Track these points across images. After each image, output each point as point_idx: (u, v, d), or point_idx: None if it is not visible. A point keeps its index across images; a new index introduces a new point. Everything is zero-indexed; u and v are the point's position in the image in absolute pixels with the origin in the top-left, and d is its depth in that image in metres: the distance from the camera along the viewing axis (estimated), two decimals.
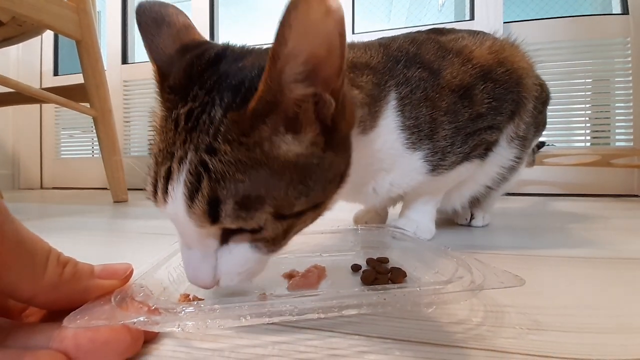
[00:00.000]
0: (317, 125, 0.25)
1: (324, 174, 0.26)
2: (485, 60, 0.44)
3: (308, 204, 0.25)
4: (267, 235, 0.24)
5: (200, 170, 0.22)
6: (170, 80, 0.26)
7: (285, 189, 0.24)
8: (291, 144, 0.24)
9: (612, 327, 0.24)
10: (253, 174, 0.22)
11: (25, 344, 0.19)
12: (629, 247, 0.49)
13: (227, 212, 0.22)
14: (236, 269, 0.25)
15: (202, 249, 0.24)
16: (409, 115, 0.40)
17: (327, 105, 0.24)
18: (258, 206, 0.23)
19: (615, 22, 1.22)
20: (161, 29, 0.29)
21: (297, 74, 0.22)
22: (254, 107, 0.22)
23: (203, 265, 0.24)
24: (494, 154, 0.50)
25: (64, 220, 0.80)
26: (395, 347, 0.22)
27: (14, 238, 0.19)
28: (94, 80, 1.04)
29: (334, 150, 0.26)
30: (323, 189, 0.26)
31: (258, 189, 0.23)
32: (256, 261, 0.25)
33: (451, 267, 0.27)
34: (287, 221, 0.25)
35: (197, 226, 0.23)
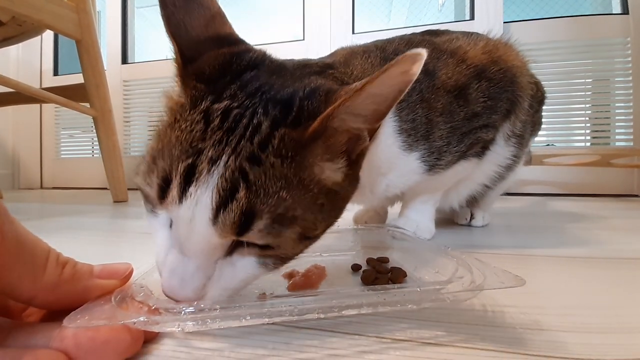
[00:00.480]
0: (346, 159, 0.26)
1: (340, 202, 0.27)
2: (479, 60, 0.45)
3: (325, 228, 0.26)
4: (283, 253, 0.24)
5: (239, 178, 0.20)
6: (202, 67, 0.24)
7: (316, 213, 0.24)
8: (332, 172, 0.25)
9: (612, 327, 0.24)
10: (296, 193, 0.22)
11: (26, 344, 0.19)
12: (629, 247, 0.49)
13: (259, 227, 0.21)
14: (234, 284, 0.23)
15: (201, 259, 0.22)
16: (405, 118, 0.40)
17: (362, 141, 0.26)
18: (290, 225, 0.22)
19: (615, 22, 1.22)
20: (190, 5, 0.26)
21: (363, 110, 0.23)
22: (316, 128, 0.22)
23: (195, 277, 0.22)
24: (491, 152, 0.50)
25: (63, 220, 0.80)
26: (395, 347, 0.22)
27: (14, 239, 0.19)
28: (93, 80, 1.04)
29: (350, 182, 0.27)
30: (336, 215, 0.27)
31: (294, 209, 0.22)
32: (255, 277, 0.24)
33: (451, 267, 0.27)
34: (307, 242, 0.25)
35: (218, 237, 0.21)
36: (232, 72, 0.25)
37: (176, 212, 0.21)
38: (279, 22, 1.98)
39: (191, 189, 0.20)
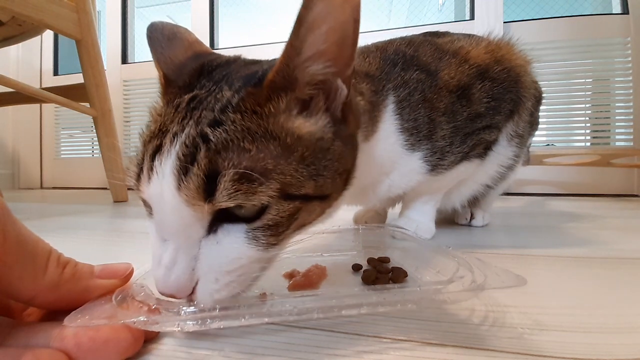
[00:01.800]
0: (327, 114, 0.26)
1: (334, 164, 0.25)
2: (482, 60, 0.45)
3: (316, 190, 0.23)
4: (270, 219, 0.21)
5: (198, 142, 0.20)
6: (179, 82, 0.26)
7: (296, 164, 0.22)
8: (304, 121, 0.24)
9: (612, 327, 0.24)
10: (262, 144, 0.21)
11: (26, 343, 0.19)
12: (629, 246, 0.49)
13: (225, 185, 0.19)
14: (223, 267, 0.21)
15: (180, 238, 0.20)
16: (407, 118, 0.40)
17: (340, 92, 0.25)
18: (263, 180, 0.20)
19: (615, 21, 1.22)
20: (172, 42, 0.30)
21: (317, 49, 0.23)
22: (271, 79, 0.22)
23: (178, 265, 0.20)
24: (494, 153, 0.50)
25: (63, 220, 0.80)
26: (395, 347, 0.22)
27: (16, 239, 0.19)
28: (93, 80, 1.04)
29: (343, 142, 0.26)
30: (332, 179, 0.25)
31: (265, 161, 0.20)
32: (250, 259, 0.21)
33: (452, 266, 0.27)
34: (293, 203, 0.22)
35: (187, 204, 0.19)
36: (205, 73, 0.27)
37: (148, 191, 0.21)
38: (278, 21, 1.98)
39: (155, 163, 0.21)
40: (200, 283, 0.21)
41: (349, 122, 0.28)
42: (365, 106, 0.36)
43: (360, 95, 0.36)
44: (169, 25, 0.32)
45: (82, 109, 1.06)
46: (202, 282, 0.21)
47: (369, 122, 0.37)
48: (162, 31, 0.31)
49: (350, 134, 0.28)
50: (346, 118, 0.27)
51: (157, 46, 0.29)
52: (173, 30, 0.31)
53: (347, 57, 0.24)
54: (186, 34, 0.32)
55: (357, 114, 0.30)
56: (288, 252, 0.37)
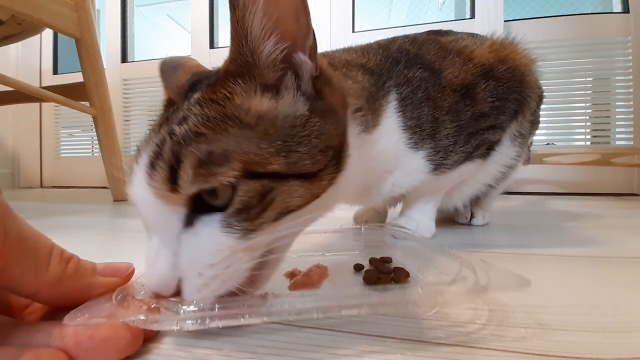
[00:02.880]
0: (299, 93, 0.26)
1: (311, 140, 0.24)
2: (486, 59, 0.44)
3: (289, 168, 0.23)
4: (239, 202, 0.21)
5: (166, 138, 0.21)
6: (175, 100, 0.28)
7: (258, 142, 0.22)
8: (264, 100, 0.24)
9: (613, 326, 0.24)
10: (220, 127, 0.21)
11: (27, 342, 0.19)
12: (629, 245, 0.49)
13: (186, 171, 0.20)
14: (205, 260, 0.21)
15: (161, 234, 0.21)
16: (410, 116, 0.40)
17: (304, 65, 0.25)
18: (223, 161, 0.20)
19: (615, 20, 1.22)
20: (177, 70, 0.32)
21: (262, 25, 0.23)
22: (226, 68, 0.23)
23: (160, 258, 0.21)
24: (497, 153, 0.50)
25: (63, 219, 0.80)
26: (397, 346, 0.22)
27: (17, 234, 0.19)
28: (93, 79, 1.04)
29: (322, 118, 0.25)
30: (311, 155, 0.24)
31: (224, 142, 0.21)
32: (230, 249, 0.21)
33: (455, 267, 0.27)
34: (261, 181, 0.21)
35: (156, 196, 0.20)
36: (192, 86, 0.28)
37: (130, 193, 0.22)
38: None
39: (135, 169, 0.22)
40: (185, 280, 0.21)
41: (326, 96, 0.27)
42: (359, 91, 0.36)
43: (351, 80, 0.36)
44: (176, 58, 0.35)
45: (81, 107, 1.06)
46: (186, 279, 0.21)
47: (369, 112, 0.36)
48: (169, 63, 0.34)
49: (330, 109, 0.27)
50: (320, 92, 0.27)
51: (166, 77, 0.32)
52: (178, 61, 0.34)
53: (301, 28, 0.24)
54: (189, 62, 0.34)
55: (340, 92, 0.30)
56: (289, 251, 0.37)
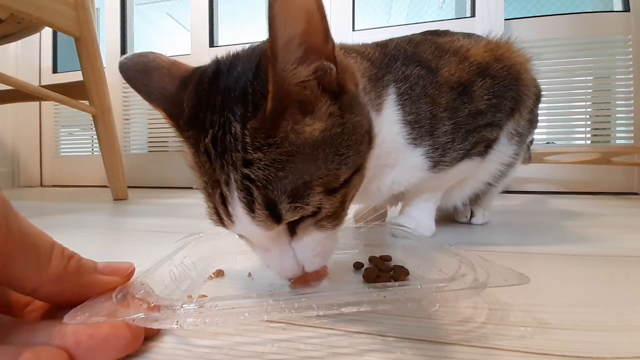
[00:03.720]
0: (326, 97, 0.26)
1: (353, 137, 0.27)
2: (481, 58, 0.45)
3: (351, 170, 0.27)
4: (327, 212, 0.26)
5: (247, 184, 0.24)
6: (185, 117, 0.27)
7: (325, 165, 0.25)
8: (312, 125, 0.25)
9: (613, 325, 0.24)
10: (291, 167, 0.24)
11: (27, 341, 0.19)
12: (629, 244, 0.49)
13: (285, 208, 0.24)
14: (312, 253, 0.27)
15: (278, 247, 0.27)
16: (409, 110, 0.41)
17: (329, 71, 0.26)
18: (309, 191, 0.24)
19: (616, 19, 1.22)
20: (151, 75, 0.30)
21: (297, 59, 0.23)
22: (270, 109, 0.23)
23: (286, 260, 0.27)
24: (494, 151, 0.50)
25: (63, 218, 0.80)
26: (397, 345, 0.22)
27: (18, 230, 0.19)
28: (93, 78, 1.04)
29: (351, 112, 0.28)
30: (357, 151, 0.27)
31: (302, 177, 0.24)
32: (326, 239, 0.28)
33: (454, 265, 0.27)
34: (339, 192, 0.26)
35: (266, 230, 0.25)
36: (202, 102, 0.27)
37: (237, 230, 0.26)
38: None
39: (230, 210, 0.25)
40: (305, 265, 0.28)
41: (348, 87, 0.28)
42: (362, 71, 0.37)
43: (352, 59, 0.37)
44: (137, 57, 0.31)
45: (81, 106, 1.06)
46: (306, 264, 0.28)
47: (372, 92, 0.37)
48: (134, 67, 0.30)
49: (352, 97, 0.29)
50: (344, 86, 0.28)
51: (140, 85, 0.30)
52: (144, 62, 0.30)
53: (322, 38, 0.24)
54: (159, 60, 0.31)
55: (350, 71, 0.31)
56: None
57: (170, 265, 0.30)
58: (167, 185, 1.65)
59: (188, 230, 0.37)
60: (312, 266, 0.28)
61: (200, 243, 0.37)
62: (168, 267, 0.30)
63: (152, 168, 1.68)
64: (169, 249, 0.33)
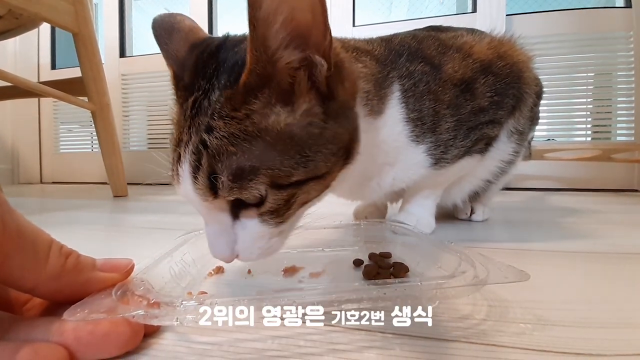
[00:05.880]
0: (313, 94, 0.25)
1: (326, 145, 0.26)
2: (485, 55, 0.45)
3: (308, 174, 0.26)
4: (270, 206, 0.25)
5: (200, 149, 0.24)
6: (184, 79, 0.28)
7: (281, 159, 0.24)
8: (282, 115, 0.25)
9: (613, 322, 0.24)
10: (245, 146, 0.24)
11: (26, 338, 0.19)
12: (630, 241, 0.49)
13: (223, 184, 0.23)
14: (252, 244, 0.27)
15: (218, 224, 0.26)
16: (413, 108, 0.41)
17: (319, 67, 0.25)
18: (252, 177, 0.24)
19: (618, 15, 1.21)
20: (172, 35, 0.31)
21: (281, 38, 0.23)
22: (245, 81, 0.23)
23: (219, 240, 0.26)
24: (494, 148, 0.50)
25: (63, 214, 0.80)
26: (396, 341, 0.22)
27: (15, 228, 0.19)
28: (91, 74, 1.03)
29: (336, 120, 0.27)
30: (325, 160, 0.27)
31: (251, 160, 0.24)
32: (268, 236, 0.27)
33: (454, 261, 0.27)
34: (287, 191, 0.25)
35: (203, 200, 0.24)
36: (199, 68, 0.27)
37: (180, 191, 0.26)
38: None
39: (179, 170, 0.25)
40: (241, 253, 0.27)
41: (338, 94, 0.27)
42: (369, 76, 0.36)
43: (361, 64, 0.36)
44: (167, 17, 0.32)
45: (80, 103, 1.05)
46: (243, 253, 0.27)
47: (375, 98, 0.37)
48: (162, 25, 0.31)
49: (343, 105, 0.28)
50: (333, 92, 0.27)
51: (162, 43, 0.30)
52: (170, 22, 0.31)
53: (319, 32, 0.23)
54: (182, 23, 0.32)
55: (352, 77, 0.30)
56: (289, 247, 0.37)
57: (170, 261, 0.30)
58: (167, 182, 1.64)
59: (188, 227, 0.37)
60: (248, 257, 0.27)
61: (200, 240, 0.37)
62: (168, 264, 0.30)
63: (152, 165, 1.68)
64: (169, 245, 0.33)
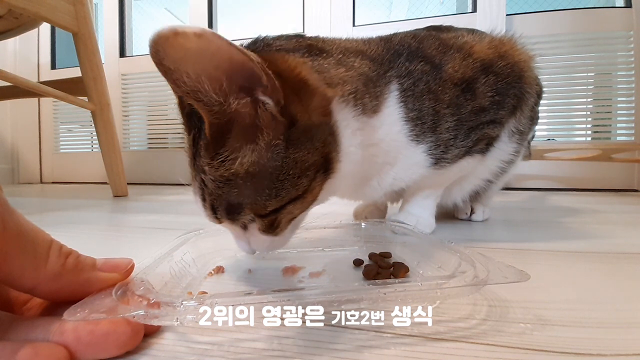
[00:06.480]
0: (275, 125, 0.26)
1: (291, 171, 0.28)
2: (485, 55, 0.45)
3: (281, 202, 0.29)
4: (260, 227, 0.30)
5: (202, 186, 0.29)
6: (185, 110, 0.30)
7: (254, 195, 0.28)
8: (247, 155, 0.27)
9: (613, 322, 0.24)
10: (226, 189, 0.28)
11: (26, 337, 0.19)
12: (629, 241, 0.49)
13: (222, 215, 0.29)
14: (260, 244, 0.32)
15: (235, 232, 0.32)
16: (412, 107, 0.40)
17: (267, 106, 0.26)
18: (240, 210, 0.29)
19: (618, 15, 1.21)
20: None
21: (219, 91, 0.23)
22: (209, 133, 0.26)
23: (239, 241, 0.33)
24: (495, 148, 0.50)
25: (63, 214, 0.80)
26: (397, 342, 0.22)
27: (15, 228, 0.19)
28: (91, 74, 1.03)
29: (297, 146, 0.28)
30: (294, 185, 0.29)
31: (236, 198, 0.28)
32: (270, 240, 0.31)
33: (454, 261, 0.27)
34: (268, 218, 0.30)
35: (215, 223, 0.30)
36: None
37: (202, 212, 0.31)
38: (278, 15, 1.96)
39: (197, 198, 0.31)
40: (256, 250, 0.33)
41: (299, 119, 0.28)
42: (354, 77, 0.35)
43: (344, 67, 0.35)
44: None
45: (80, 102, 1.05)
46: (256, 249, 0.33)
47: (366, 95, 0.36)
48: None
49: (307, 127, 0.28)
50: (293, 118, 0.27)
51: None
52: None
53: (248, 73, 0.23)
54: None
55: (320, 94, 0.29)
56: (289, 247, 0.37)
57: (170, 261, 0.30)
58: (167, 182, 1.65)
59: (188, 226, 0.37)
60: (261, 251, 0.33)
61: (200, 239, 0.37)
62: (168, 264, 0.30)
63: (152, 165, 1.68)
64: (169, 245, 0.33)
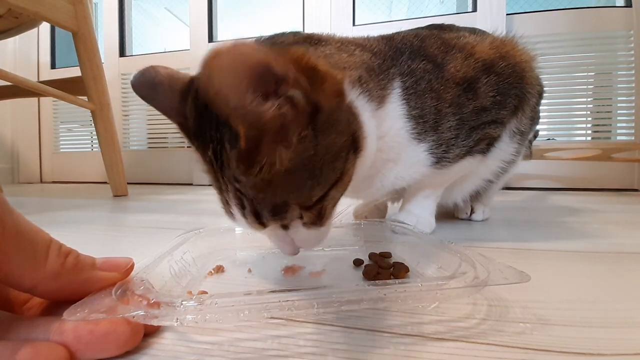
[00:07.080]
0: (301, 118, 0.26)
1: (326, 157, 0.28)
2: (487, 55, 0.45)
3: (325, 188, 0.29)
4: (307, 220, 0.30)
5: (239, 195, 0.28)
6: (191, 129, 0.29)
7: (298, 189, 0.28)
8: (283, 154, 0.26)
9: (613, 322, 0.24)
10: (269, 190, 0.27)
11: (26, 337, 0.19)
12: (630, 241, 0.49)
13: (267, 218, 0.28)
14: (305, 240, 0.32)
15: (275, 235, 0.32)
16: (414, 105, 0.41)
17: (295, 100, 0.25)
18: (286, 208, 0.28)
19: (618, 14, 1.21)
20: (156, 90, 0.32)
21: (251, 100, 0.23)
22: (244, 145, 0.25)
23: (282, 245, 0.32)
24: (496, 148, 0.50)
25: (63, 214, 0.80)
26: (397, 341, 0.22)
27: (14, 228, 0.19)
28: (91, 73, 1.03)
29: (324, 132, 0.28)
30: (332, 169, 0.29)
31: (280, 198, 0.28)
32: (315, 232, 0.31)
33: (455, 262, 0.27)
34: (315, 208, 0.29)
35: (257, 230, 0.30)
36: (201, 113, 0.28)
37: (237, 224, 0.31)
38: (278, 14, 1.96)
39: (232, 210, 0.30)
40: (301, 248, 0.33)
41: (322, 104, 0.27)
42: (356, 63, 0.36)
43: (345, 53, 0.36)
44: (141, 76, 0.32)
45: (80, 102, 1.05)
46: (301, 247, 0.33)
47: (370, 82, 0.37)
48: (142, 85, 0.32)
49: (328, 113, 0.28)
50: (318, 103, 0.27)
51: (151, 100, 0.32)
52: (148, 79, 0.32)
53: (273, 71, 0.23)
54: (159, 76, 0.32)
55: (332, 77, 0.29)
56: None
57: (170, 261, 0.30)
58: (167, 181, 1.65)
59: (188, 226, 0.37)
60: (308, 248, 0.33)
61: (200, 239, 0.37)
62: (168, 263, 0.30)
63: (152, 164, 1.68)
64: (169, 244, 0.33)
